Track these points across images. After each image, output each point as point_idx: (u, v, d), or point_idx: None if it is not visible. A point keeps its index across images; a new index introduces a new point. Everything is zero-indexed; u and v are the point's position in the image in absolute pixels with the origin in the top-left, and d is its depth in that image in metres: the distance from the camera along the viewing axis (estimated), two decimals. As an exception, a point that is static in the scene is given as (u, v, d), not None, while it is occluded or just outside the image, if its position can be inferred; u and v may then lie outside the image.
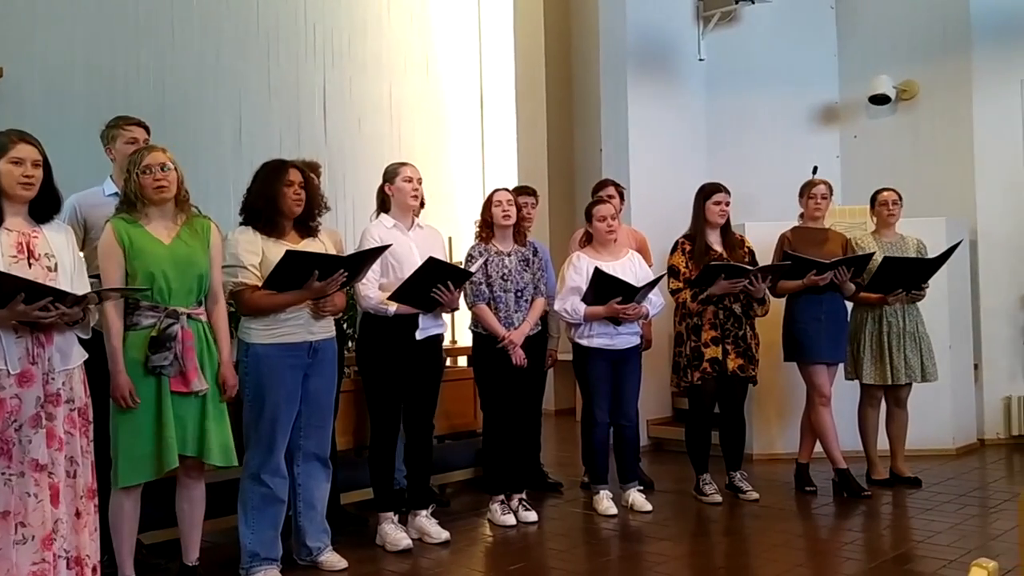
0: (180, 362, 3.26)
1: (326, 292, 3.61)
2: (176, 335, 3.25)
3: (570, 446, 6.37)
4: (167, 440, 3.22)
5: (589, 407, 4.80)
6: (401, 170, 4.25)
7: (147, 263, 3.26)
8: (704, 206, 4.91)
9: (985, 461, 5.93)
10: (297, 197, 3.65)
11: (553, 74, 8.62)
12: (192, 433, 3.31)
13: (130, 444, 3.23)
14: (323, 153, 7.02)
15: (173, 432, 3.24)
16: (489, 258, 4.54)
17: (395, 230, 4.21)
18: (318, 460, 3.79)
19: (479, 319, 4.57)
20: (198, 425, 3.32)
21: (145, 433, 3.23)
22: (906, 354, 5.10)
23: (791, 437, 5.61)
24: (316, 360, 3.69)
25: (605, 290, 4.57)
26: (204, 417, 3.33)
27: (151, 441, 3.23)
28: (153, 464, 3.24)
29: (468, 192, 8.70)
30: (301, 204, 3.67)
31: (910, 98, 6.92)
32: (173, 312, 3.28)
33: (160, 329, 3.23)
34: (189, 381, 3.27)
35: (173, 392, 3.26)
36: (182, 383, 3.27)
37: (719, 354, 4.82)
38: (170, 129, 5.40)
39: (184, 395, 3.28)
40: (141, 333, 3.24)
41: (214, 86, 6.96)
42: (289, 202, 3.63)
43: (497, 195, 4.62)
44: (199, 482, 3.47)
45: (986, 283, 6.50)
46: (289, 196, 3.63)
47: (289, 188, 3.63)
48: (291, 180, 3.64)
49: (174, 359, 3.24)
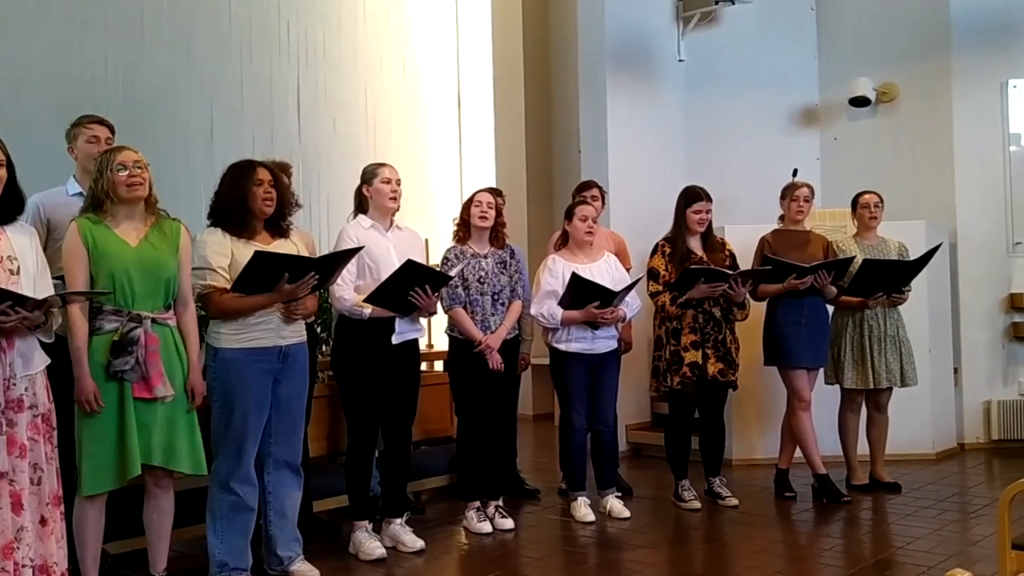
0: (143, 367, 3.21)
1: (297, 295, 3.58)
2: (138, 339, 3.21)
3: (547, 452, 6.35)
4: (130, 448, 3.18)
5: (566, 412, 4.79)
6: (379, 171, 4.23)
7: (111, 265, 3.22)
8: (685, 211, 4.91)
9: (965, 466, 5.97)
10: (267, 196, 3.62)
11: (531, 74, 8.61)
12: (159, 441, 3.27)
13: (94, 451, 3.19)
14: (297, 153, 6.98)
15: (136, 440, 3.20)
16: (466, 260, 4.52)
17: (373, 231, 4.20)
18: (289, 468, 3.75)
19: (455, 323, 4.55)
20: (165, 433, 3.29)
21: (108, 440, 3.19)
22: (887, 358, 5.13)
23: (771, 442, 5.62)
24: (287, 365, 3.66)
25: (582, 294, 4.57)
26: (172, 424, 3.30)
27: (114, 448, 3.19)
28: (116, 473, 3.21)
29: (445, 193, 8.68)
30: (272, 204, 3.64)
31: (890, 100, 6.96)
32: (136, 316, 3.24)
33: (122, 333, 3.19)
34: (152, 387, 3.23)
35: (137, 398, 3.22)
36: (145, 389, 3.23)
37: (699, 358, 4.82)
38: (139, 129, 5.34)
39: (149, 401, 3.24)
40: (104, 337, 3.21)
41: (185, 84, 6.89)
42: (259, 202, 3.60)
43: (477, 196, 4.62)
44: (168, 491, 3.43)
45: (965, 286, 6.54)
46: (259, 196, 3.60)
47: (259, 188, 3.60)
48: (260, 179, 3.61)
49: (136, 364, 3.20)
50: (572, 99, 7.62)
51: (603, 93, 6.78)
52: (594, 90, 6.87)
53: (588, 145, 6.92)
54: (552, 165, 8.58)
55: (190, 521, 3.84)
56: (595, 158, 6.79)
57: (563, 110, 8.41)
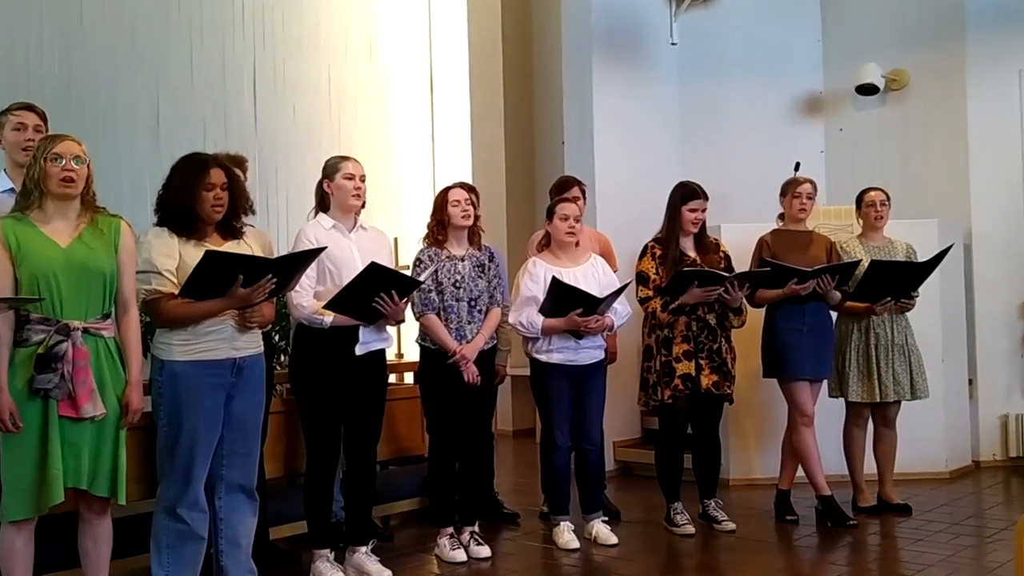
0: (69, 384, 3.17)
1: (252, 301, 3.56)
2: (64, 354, 3.16)
3: (528, 472, 6.36)
4: (52, 472, 3.14)
5: (548, 429, 4.79)
6: (342, 165, 4.22)
7: (35, 268, 3.17)
8: (680, 209, 4.93)
9: (981, 485, 6.03)
10: (217, 202, 3.58)
11: (511, 59, 8.62)
12: (87, 464, 3.23)
13: (15, 474, 3.15)
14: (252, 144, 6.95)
15: (59, 463, 3.15)
16: (440, 263, 4.52)
17: (334, 231, 4.19)
18: (243, 492, 3.73)
19: (428, 331, 4.54)
20: (94, 455, 3.25)
21: (28, 463, 3.15)
22: (895, 369, 5.17)
23: (770, 461, 5.65)
24: (241, 379, 3.63)
25: (564, 301, 4.58)
26: (99, 445, 3.26)
27: (35, 472, 3.15)
28: (36, 499, 3.16)
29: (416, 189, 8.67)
30: (222, 210, 3.60)
31: (900, 88, 7.02)
32: (64, 327, 3.19)
33: (47, 347, 3.15)
34: (79, 406, 3.19)
35: (63, 417, 3.18)
36: (71, 407, 3.18)
37: (692, 369, 4.84)
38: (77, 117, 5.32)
39: (76, 421, 3.20)
40: (29, 350, 3.17)
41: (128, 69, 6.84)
42: (208, 207, 3.57)
43: (454, 193, 4.61)
44: (104, 518, 3.39)
45: (981, 291, 6.60)
46: (208, 201, 3.56)
47: (209, 192, 3.56)
48: (212, 183, 3.56)
49: (61, 380, 3.15)
50: (555, 86, 7.63)
51: (589, 79, 6.79)
52: (579, 76, 6.88)
53: (572, 136, 6.93)
54: (534, 158, 8.59)
55: (132, 551, 3.80)
56: (580, 150, 6.80)
57: (546, 98, 8.42)
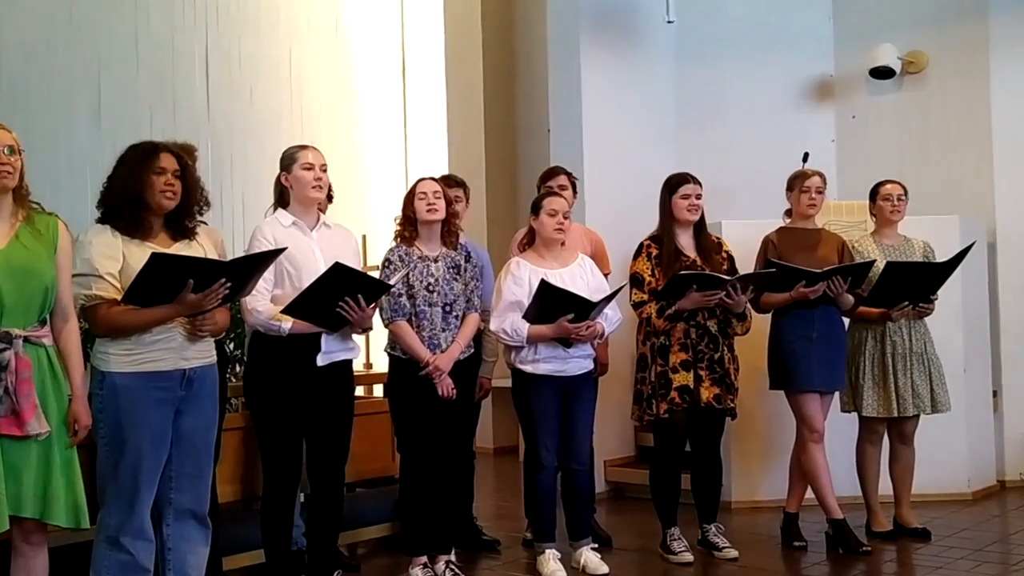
0: (12, 398, 3.17)
1: (204, 307, 3.55)
2: (7, 364, 3.17)
3: (510, 494, 6.36)
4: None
5: (533, 447, 4.79)
6: (300, 155, 4.23)
7: (-31, 273, 3.18)
8: (671, 201, 4.95)
9: (1006, 507, 6.07)
10: (168, 188, 3.58)
11: (491, 38, 8.63)
12: (32, 488, 3.23)
13: (-52, 503, 3.15)
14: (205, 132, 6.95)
15: (3, 487, 3.15)
16: (412, 264, 4.52)
17: (294, 229, 4.20)
18: (193, 518, 3.71)
19: (397, 339, 4.54)
20: (40, 478, 3.24)
21: (-33, 487, 3.15)
22: (913, 380, 5.19)
23: (777, 482, 5.67)
24: (191, 392, 3.62)
25: (552, 305, 4.58)
26: (48, 467, 3.25)
27: (-27, 498, 3.15)
28: None
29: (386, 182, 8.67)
30: (174, 198, 3.61)
31: (918, 71, 7.07)
32: (6, 335, 3.20)
33: None
34: (24, 422, 3.19)
35: (4, 436, 3.17)
36: (15, 425, 3.18)
37: (690, 381, 4.85)
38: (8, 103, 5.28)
39: (20, 440, 3.20)
40: (-35, 362, 3.17)
41: (65, 46, 6.81)
42: (158, 195, 3.57)
43: (421, 185, 4.62)
44: (40, 549, 3.38)
45: (1007, 294, 6.65)
46: (158, 187, 3.56)
47: (159, 177, 3.56)
48: (162, 167, 3.57)
49: (4, 394, 3.16)
50: (540, 69, 7.65)
51: (577, 62, 6.80)
52: (566, 58, 6.89)
53: (559, 124, 6.94)
54: (516, 148, 8.60)
55: (71, 585, 3.79)
56: (567, 139, 6.81)
57: (529, 82, 8.43)
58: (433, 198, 4.56)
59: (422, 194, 4.58)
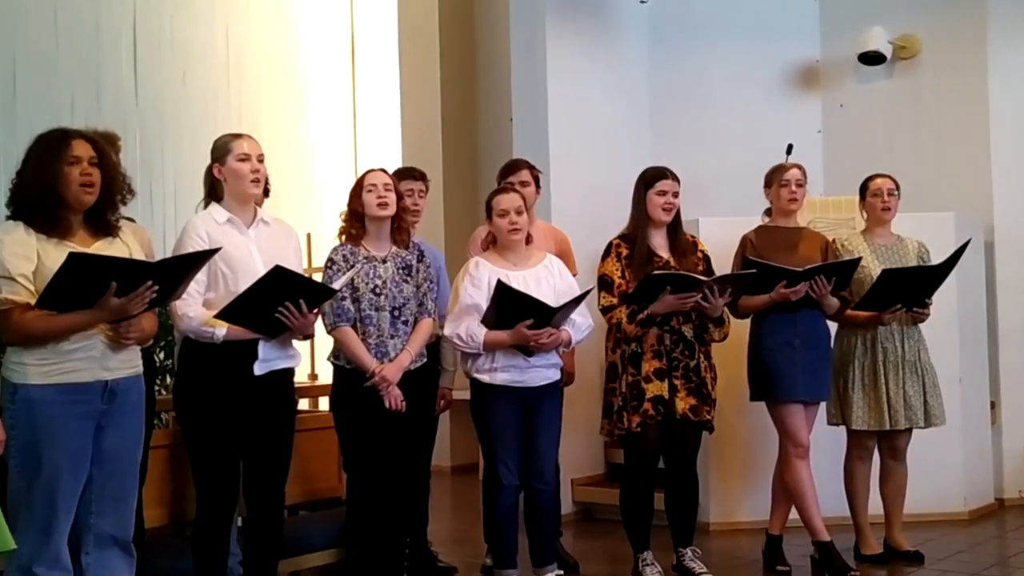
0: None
1: (129, 312, 3.53)
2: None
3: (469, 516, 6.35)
4: None
5: (492, 465, 4.79)
6: (233, 145, 4.21)
7: None
8: (645, 197, 4.97)
9: (1005, 528, 6.13)
10: (86, 179, 3.55)
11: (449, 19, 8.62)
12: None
13: None
14: (132, 120, 6.90)
15: None
16: (357, 265, 4.51)
17: (229, 226, 4.18)
18: (116, 545, 3.68)
19: (341, 347, 4.53)
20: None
21: None
22: (905, 390, 5.22)
23: (758, 501, 5.71)
24: (114, 406, 3.60)
25: (512, 309, 4.58)
26: None
27: None
28: None
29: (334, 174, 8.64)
30: (93, 191, 3.58)
31: (910, 57, 7.13)
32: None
33: None
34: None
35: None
36: None
37: (664, 391, 4.87)
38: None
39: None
40: None
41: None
42: (74, 188, 3.54)
43: (371, 176, 4.61)
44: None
45: (1005, 297, 6.72)
46: (74, 179, 3.54)
47: (74, 167, 3.53)
48: (76, 156, 3.54)
49: None
50: (503, 52, 7.65)
51: (542, 45, 6.80)
52: (530, 41, 6.90)
53: (523, 112, 6.94)
54: (476, 138, 8.60)
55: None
56: (531, 129, 6.82)
57: (491, 66, 8.43)
58: (384, 191, 4.55)
59: (371, 186, 4.56)
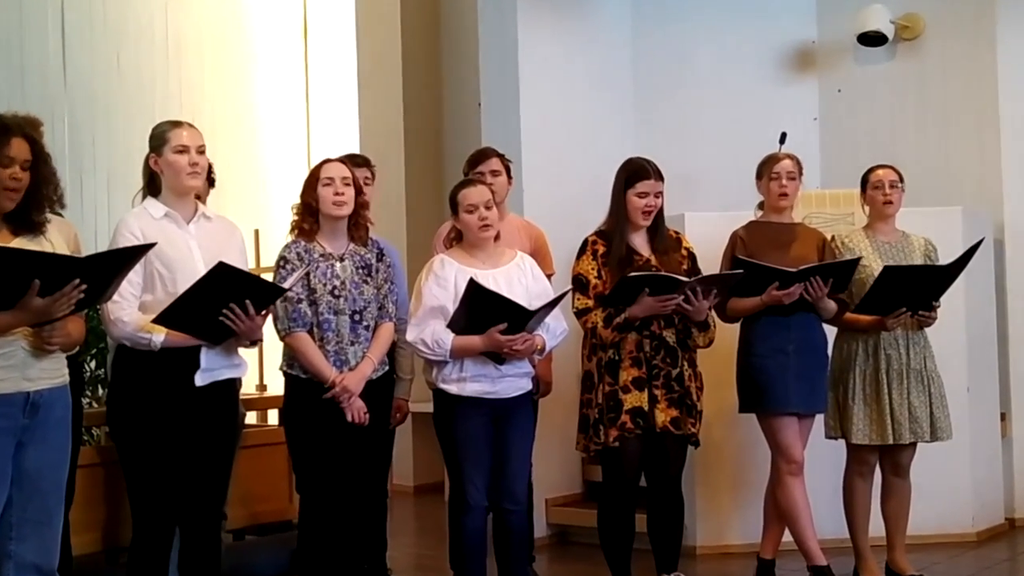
0: None
1: (53, 314, 3.49)
2: None
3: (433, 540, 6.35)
4: None
5: (458, 484, 4.78)
6: (172, 135, 4.20)
7: None
8: (625, 194, 4.95)
9: (1016, 550, 6.17)
10: (13, 184, 3.51)
11: (411, -7, 8.62)
12: None
13: None
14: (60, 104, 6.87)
15: None
16: (313, 264, 4.48)
17: (166, 221, 4.19)
18: (40, 573, 3.64)
19: (296, 355, 4.52)
20: None
21: None
22: (910, 402, 5.21)
23: (749, 522, 5.72)
24: (36, 420, 3.56)
25: (484, 312, 4.57)
26: None
27: None
28: None
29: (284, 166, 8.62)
30: (16, 197, 3.54)
31: (913, 37, 7.16)
32: None
33: None
34: None
35: None
36: None
37: (644, 402, 4.86)
38: None
39: None
40: None
41: None
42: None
43: (327, 168, 4.61)
44: None
45: (1016, 300, 6.76)
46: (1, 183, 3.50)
47: (5, 170, 3.48)
48: (10, 157, 3.48)
49: None
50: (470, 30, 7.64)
51: (513, 21, 6.79)
52: (499, 18, 6.89)
53: (491, 96, 6.95)
54: (441, 125, 8.61)
55: None
56: (501, 114, 6.82)
57: (457, 45, 8.43)
58: (342, 185, 4.55)
59: (328, 179, 4.56)
